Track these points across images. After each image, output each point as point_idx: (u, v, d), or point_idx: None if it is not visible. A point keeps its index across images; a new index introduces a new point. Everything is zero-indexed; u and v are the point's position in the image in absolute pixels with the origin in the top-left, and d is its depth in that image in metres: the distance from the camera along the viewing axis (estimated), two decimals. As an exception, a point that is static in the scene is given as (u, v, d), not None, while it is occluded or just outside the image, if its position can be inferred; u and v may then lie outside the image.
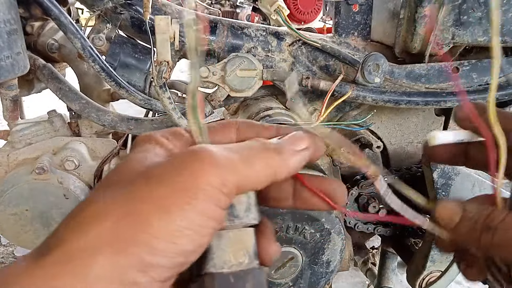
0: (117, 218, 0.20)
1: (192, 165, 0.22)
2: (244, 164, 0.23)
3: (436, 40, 0.61)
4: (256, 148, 0.24)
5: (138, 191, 0.21)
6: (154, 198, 0.21)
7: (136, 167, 0.23)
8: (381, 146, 0.70)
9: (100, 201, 0.22)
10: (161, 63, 0.52)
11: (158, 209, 0.21)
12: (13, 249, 1.47)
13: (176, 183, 0.21)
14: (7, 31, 0.58)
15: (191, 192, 0.21)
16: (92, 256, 0.19)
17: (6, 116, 0.74)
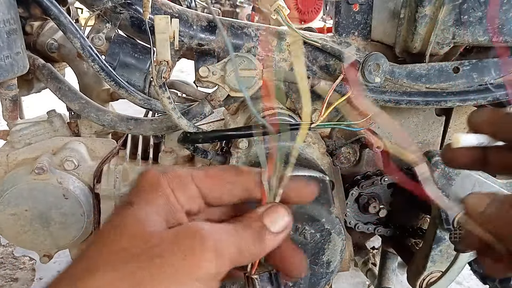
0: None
1: (194, 249, 0.24)
2: (237, 253, 0.26)
3: (437, 39, 0.61)
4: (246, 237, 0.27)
5: (142, 274, 0.23)
6: (156, 281, 0.23)
7: (141, 236, 0.25)
8: (381, 146, 0.70)
9: (108, 275, 0.23)
10: (160, 62, 0.52)
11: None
12: (13, 249, 1.47)
13: (178, 267, 0.23)
14: (6, 31, 0.58)
15: (190, 279, 0.23)
16: None
17: (5, 116, 0.73)
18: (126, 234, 0.25)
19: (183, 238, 0.25)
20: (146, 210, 0.26)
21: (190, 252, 0.24)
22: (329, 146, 0.72)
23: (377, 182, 0.72)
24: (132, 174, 0.74)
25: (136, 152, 0.77)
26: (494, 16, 0.58)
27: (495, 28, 0.60)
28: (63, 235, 0.72)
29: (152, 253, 0.24)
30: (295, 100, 0.70)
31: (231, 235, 0.26)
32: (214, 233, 0.25)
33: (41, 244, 0.73)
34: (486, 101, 0.64)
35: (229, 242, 0.26)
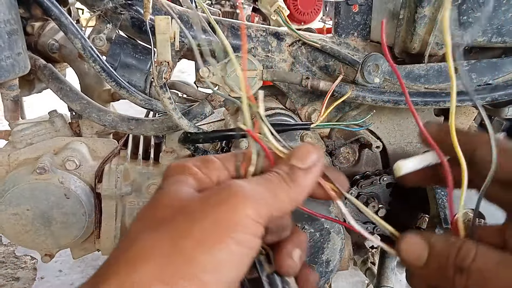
0: (165, 256, 0.22)
1: (228, 200, 0.24)
2: (271, 197, 0.26)
3: (436, 40, 0.61)
4: (277, 181, 0.27)
5: (180, 229, 0.23)
6: (195, 234, 0.23)
7: (173, 203, 0.25)
8: (380, 146, 0.70)
9: (147, 238, 0.23)
10: (161, 63, 0.53)
11: (200, 244, 0.22)
12: (14, 248, 1.48)
13: (216, 218, 0.23)
14: (7, 32, 0.58)
15: (230, 225, 0.23)
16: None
17: (7, 116, 0.74)
18: (160, 206, 0.25)
19: (214, 193, 0.25)
20: (175, 186, 0.27)
21: (222, 201, 0.24)
22: (328, 146, 0.72)
23: (376, 182, 0.73)
24: (133, 174, 0.75)
25: (137, 152, 0.77)
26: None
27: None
28: (65, 235, 0.73)
29: (187, 212, 0.24)
30: (295, 100, 0.71)
31: (261, 184, 0.26)
32: (245, 184, 0.25)
33: (42, 244, 0.74)
34: (485, 101, 0.65)
35: (261, 189, 0.25)
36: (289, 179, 0.27)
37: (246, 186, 0.25)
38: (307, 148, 0.28)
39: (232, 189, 0.25)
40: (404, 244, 0.29)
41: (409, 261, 0.28)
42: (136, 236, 0.24)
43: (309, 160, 0.28)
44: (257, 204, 0.24)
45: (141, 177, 0.75)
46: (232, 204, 0.24)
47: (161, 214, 0.25)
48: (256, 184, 0.26)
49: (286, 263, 0.28)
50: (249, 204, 0.24)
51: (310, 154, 0.28)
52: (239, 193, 0.24)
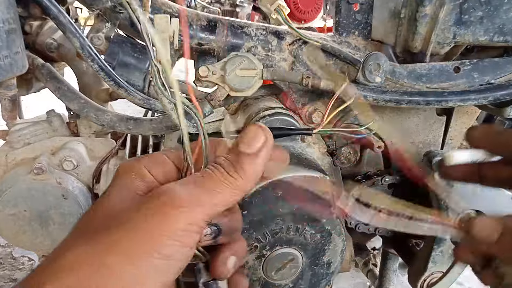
0: (91, 268, 0.22)
1: (158, 210, 0.23)
2: (210, 196, 0.24)
3: (437, 39, 0.61)
4: (217, 177, 0.25)
5: (109, 241, 0.23)
6: (122, 248, 0.22)
7: (109, 211, 0.25)
8: (382, 146, 0.70)
9: (77, 250, 0.23)
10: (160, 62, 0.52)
11: (126, 259, 0.22)
12: (12, 250, 1.47)
13: (143, 231, 0.23)
14: (5, 31, 0.58)
15: (157, 239, 0.22)
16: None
17: (4, 116, 0.73)
18: (96, 213, 0.25)
19: (149, 200, 0.24)
20: (120, 191, 0.26)
21: (156, 210, 0.23)
22: (329, 146, 0.71)
23: (377, 183, 0.72)
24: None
25: (135, 152, 0.77)
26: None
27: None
28: (62, 235, 0.71)
29: (121, 221, 0.24)
30: (295, 100, 0.70)
31: (199, 183, 0.25)
32: (178, 190, 0.24)
33: (40, 245, 0.73)
34: (487, 101, 0.64)
35: (196, 191, 0.24)
36: (233, 169, 0.26)
37: (180, 192, 0.24)
38: (254, 131, 0.27)
39: (162, 198, 0.24)
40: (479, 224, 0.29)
41: (482, 236, 0.28)
42: (68, 246, 0.24)
43: (257, 144, 0.26)
44: (191, 211, 0.23)
45: (140, 177, 0.74)
46: (161, 215, 0.23)
47: (96, 224, 0.25)
48: (192, 186, 0.25)
49: (219, 270, 0.27)
50: (180, 214, 0.23)
51: (258, 137, 0.26)
52: (168, 203, 0.23)
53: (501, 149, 0.31)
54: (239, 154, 0.26)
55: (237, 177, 0.25)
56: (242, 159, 0.26)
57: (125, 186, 0.26)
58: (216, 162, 0.27)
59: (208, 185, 0.25)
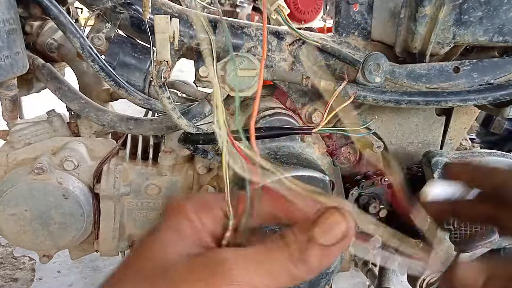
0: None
1: (213, 276, 0.22)
2: (266, 277, 0.23)
3: (437, 39, 0.61)
4: (280, 258, 0.23)
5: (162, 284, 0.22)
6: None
7: (160, 258, 0.24)
8: (381, 146, 0.70)
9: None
10: (160, 62, 0.52)
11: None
12: (12, 249, 1.47)
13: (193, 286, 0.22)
14: (6, 31, 0.58)
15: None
16: None
17: (5, 116, 0.73)
18: (145, 256, 0.25)
19: (201, 265, 0.23)
20: (169, 235, 0.25)
21: (204, 277, 0.22)
22: (329, 146, 0.72)
23: (377, 182, 0.72)
24: (131, 174, 0.74)
25: (136, 152, 0.77)
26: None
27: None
28: (63, 235, 0.72)
29: (167, 277, 0.23)
30: (295, 100, 0.70)
31: (259, 259, 0.23)
32: (237, 260, 0.23)
33: (40, 244, 0.73)
34: (487, 101, 0.64)
35: (256, 267, 0.23)
36: (298, 257, 0.23)
37: (237, 264, 0.23)
38: (335, 218, 0.23)
39: (220, 265, 0.23)
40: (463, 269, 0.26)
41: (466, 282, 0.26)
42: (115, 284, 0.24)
43: (334, 236, 0.23)
44: (245, 285, 0.22)
45: (140, 177, 0.74)
46: (216, 282, 0.22)
47: (143, 270, 0.24)
48: (252, 261, 0.23)
49: None
50: (233, 285, 0.22)
51: (338, 227, 0.23)
52: (226, 272, 0.22)
53: (477, 184, 0.31)
54: (311, 240, 0.23)
55: (299, 269, 0.23)
56: (312, 247, 0.23)
57: (175, 232, 0.26)
58: (283, 236, 0.24)
59: (267, 266, 0.23)
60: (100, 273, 1.38)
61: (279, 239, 0.24)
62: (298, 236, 0.24)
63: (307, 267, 0.23)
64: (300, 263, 0.23)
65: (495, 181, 0.30)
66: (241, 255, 0.23)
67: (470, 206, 0.31)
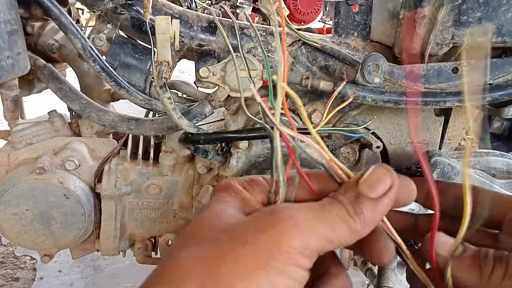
0: (203, 278, 0.21)
1: (274, 226, 0.22)
2: (326, 228, 0.23)
3: (436, 40, 0.61)
4: (336, 211, 0.24)
5: (220, 251, 0.22)
6: (236, 258, 0.22)
7: (216, 223, 0.24)
8: (380, 146, 0.70)
9: (187, 258, 0.23)
10: (161, 63, 0.52)
11: (240, 270, 0.21)
12: (14, 249, 1.47)
13: (258, 244, 0.22)
14: (7, 31, 0.58)
15: (272, 253, 0.22)
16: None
17: (6, 116, 0.74)
18: (203, 224, 0.25)
19: (258, 217, 0.24)
20: (221, 206, 0.26)
21: (265, 227, 0.22)
22: (328, 146, 0.72)
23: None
24: (132, 174, 0.75)
25: (136, 152, 0.77)
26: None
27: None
28: (64, 235, 0.73)
29: (230, 234, 0.23)
30: (295, 100, 0.70)
31: (317, 212, 0.23)
32: (294, 209, 0.23)
33: (42, 244, 0.73)
34: (485, 101, 0.64)
35: (315, 218, 0.23)
36: (353, 211, 0.23)
37: (298, 213, 0.23)
38: (380, 173, 0.24)
39: (280, 214, 0.23)
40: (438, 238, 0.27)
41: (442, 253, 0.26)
42: (178, 253, 0.23)
43: (381, 188, 0.24)
44: (307, 235, 0.22)
45: (141, 177, 0.75)
46: (277, 231, 0.22)
47: (204, 233, 0.24)
48: (310, 212, 0.23)
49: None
50: (297, 234, 0.22)
51: (383, 181, 0.24)
52: (287, 220, 0.22)
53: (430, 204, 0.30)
54: (360, 196, 0.24)
55: (356, 220, 0.23)
56: (363, 202, 0.24)
57: (225, 202, 0.26)
58: (334, 197, 0.25)
59: (327, 217, 0.23)
60: (101, 273, 1.38)
61: (331, 198, 0.25)
62: (347, 194, 0.24)
63: (362, 219, 0.24)
64: (356, 215, 0.24)
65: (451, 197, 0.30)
66: (299, 207, 0.24)
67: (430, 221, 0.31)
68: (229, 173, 0.66)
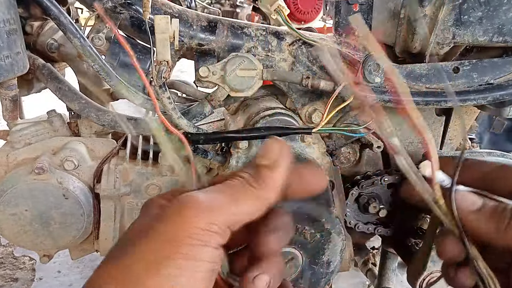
0: (119, 283, 0.22)
1: (178, 214, 0.23)
2: (230, 204, 0.25)
3: (437, 40, 0.61)
4: (238, 187, 0.26)
5: (129, 253, 0.23)
6: (142, 254, 0.22)
7: (138, 226, 0.26)
8: (381, 146, 0.70)
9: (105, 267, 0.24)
10: (160, 62, 0.52)
11: (147, 265, 0.22)
12: (13, 249, 1.47)
13: (162, 235, 0.23)
14: (6, 31, 0.58)
15: (176, 240, 0.22)
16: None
17: (5, 116, 0.73)
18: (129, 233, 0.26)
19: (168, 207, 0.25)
20: (146, 212, 0.27)
21: (176, 213, 0.24)
22: (329, 146, 0.72)
23: (377, 182, 0.72)
24: (132, 174, 0.74)
25: (136, 152, 0.77)
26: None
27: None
28: (63, 235, 0.72)
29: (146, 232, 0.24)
30: (295, 100, 0.70)
31: (220, 191, 0.25)
32: (198, 195, 0.25)
33: (41, 244, 0.73)
34: (486, 101, 0.64)
35: (218, 196, 0.25)
36: (253, 180, 0.26)
37: (199, 196, 0.24)
38: (269, 143, 0.28)
39: (181, 201, 0.24)
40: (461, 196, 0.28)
41: (464, 205, 0.28)
42: (102, 264, 0.24)
43: (271, 155, 0.27)
44: (210, 212, 0.23)
45: (140, 177, 0.74)
46: (181, 217, 0.23)
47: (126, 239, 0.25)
48: (213, 193, 0.25)
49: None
50: (200, 214, 0.23)
51: (273, 149, 0.27)
52: (188, 204, 0.23)
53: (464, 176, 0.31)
54: (258, 167, 0.27)
55: (257, 187, 0.26)
56: (261, 170, 0.26)
57: (146, 214, 0.27)
58: (236, 175, 0.27)
59: (229, 192, 0.25)
60: (100, 273, 1.38)
61: (232, 175, 0.27)
62: (247, 169, 0.27)
63: (264, 185, 0.26)
64: (256, 183, 0.26)
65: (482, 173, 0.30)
66: (204, 190, 0.25)
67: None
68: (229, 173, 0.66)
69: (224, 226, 0.24)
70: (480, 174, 0.31)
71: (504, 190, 0.29)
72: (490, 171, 0.30)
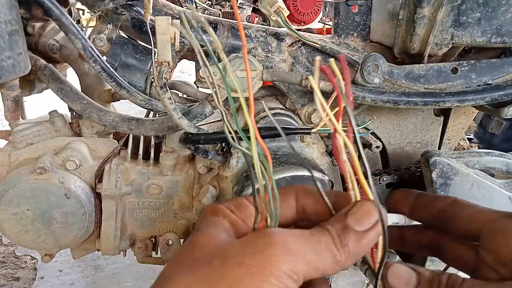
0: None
1: (265, 249, 0.23)
2: (313, 255, 0.24)
3: (435, 40, 0.62)
4: (324, 240, 0.25)
5: (214, 274, 0.23)
6: (229, 280, 0.22)
7: (210, 245, 0.25)
8: (380, 146, 0.71)
9: (181, 281, 0.23)
10: (161, 63, 0.53)
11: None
12: (14, 248, 1.48)
13: (250, 266, 0.23)
14: (8, 32, 0.58)
15: (263, 276, 0.22)
16: None
17: (7, 116, 0.74)
18: (196, 247, 0.25)
19: (252, 240, 0.24)
20: (212, 229, 0.27)
21: (260, 249, 0.23)
22: (328, 146, 0.72)
23: (375, 182, 0.73)
24: (133, 174, 0.75)
25: (137, 152, 0.78)
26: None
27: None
28: (65, 235, 0.73)
29: (223, 256, 0.24)
30: (295, 101, 0.71)
31: (305, 238, 0.24)
32: (285, 234, 0.24)
33: (42, 244, 0.74)
34: (484, 101, 0.65)
35: (303, 244, 0.24)
36: (339, 242, 0.25)
37: (288, 239, 0.24)
38: (367, 208, 0.25)
39: (272, 239, 0.24)
40: (393, 272, 0.28)
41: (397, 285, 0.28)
42: (171, 277, 0.24)
43: (367, 223, 0.25)
44: (295, 261, 0.23)
45: (141, 177, 0.75)
46: (270, 254, 0.23)
47: (197, 256, 0.25)
48: (300, 239, 0.24)
49: None
50: (286, 258, 0.23)
51: (370, 215, 0.25)
52: (279, 244, 0.23)
53: (419, 213, 0.31)
54: (346, 228, 0.25)
55: (340, 252, 0.25)
56: (349, 234, 0.25)
57: (215, 225, 0.27)
58: (323, 227, 0.26)
59: (316, 246, 0.24)
60: (101, 272, 1.38)
61: (320, 227, 0.26)
62: (335, 225, 0.25)
63: (347, 252, 0.25)
64: (341, 247, 0.25)
65: (435, 210, 0.31)
66: (290, 233, 0.25)
67: (416, 233, 0.32)
68: (229, 173, 0.66)
69: (302, 277, 0.24)
70: (434, 211, 0.31)
71: (456, 227, 0.29)
72: (442, 207, 0.30)
